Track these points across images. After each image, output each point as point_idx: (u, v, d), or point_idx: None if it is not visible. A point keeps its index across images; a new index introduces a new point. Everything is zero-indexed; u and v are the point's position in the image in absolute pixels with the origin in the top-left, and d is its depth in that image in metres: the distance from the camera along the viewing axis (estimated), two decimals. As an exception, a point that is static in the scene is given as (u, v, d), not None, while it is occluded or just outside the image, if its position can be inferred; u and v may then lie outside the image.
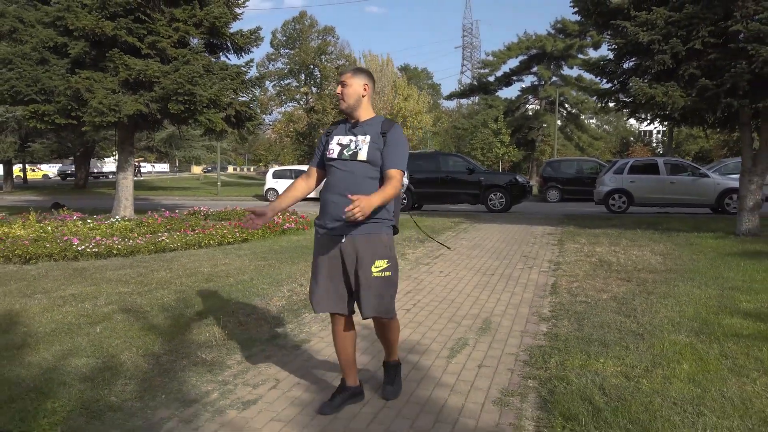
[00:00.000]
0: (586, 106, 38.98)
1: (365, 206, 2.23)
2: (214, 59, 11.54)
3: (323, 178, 2.75)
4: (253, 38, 11.79)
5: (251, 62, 12.08)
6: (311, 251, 2.78)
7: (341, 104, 2.63)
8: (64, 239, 7.38)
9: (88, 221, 9.34)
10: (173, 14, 10.65)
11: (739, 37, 8.10)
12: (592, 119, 45.07)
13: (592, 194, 15.65)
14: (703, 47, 8.27)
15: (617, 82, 9.97)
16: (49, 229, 8.36)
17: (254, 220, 2.66)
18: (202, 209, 12.18)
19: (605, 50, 16.94)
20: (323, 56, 43.35)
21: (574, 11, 10.29)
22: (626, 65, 9.83)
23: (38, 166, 51.07)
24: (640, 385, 2.89)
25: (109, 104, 9.61)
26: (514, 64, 41.29)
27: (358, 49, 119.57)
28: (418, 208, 15.98)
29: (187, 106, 10.05)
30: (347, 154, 2.58)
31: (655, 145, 51.99)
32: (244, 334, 3.87)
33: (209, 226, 9.33)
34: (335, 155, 2.60)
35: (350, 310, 2.67)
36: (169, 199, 22.49)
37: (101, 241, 7.45)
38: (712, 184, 13.74)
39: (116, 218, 10.27)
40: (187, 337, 3.79)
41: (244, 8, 11.77)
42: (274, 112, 44.53)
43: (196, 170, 61.94)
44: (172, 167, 64.68)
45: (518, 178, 15.65)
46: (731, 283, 5.30)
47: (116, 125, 10.59)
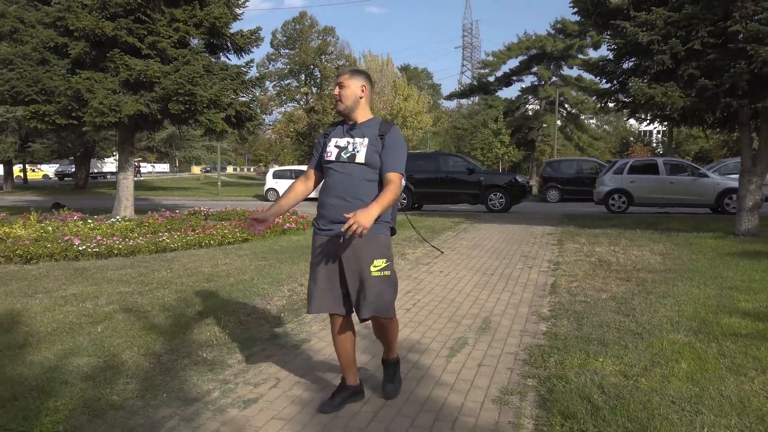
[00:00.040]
0: (586, 106, 38.96)
1: (363, 221, 2.23)
2: (214, 59, 11.56)
3: (321, 180, 2.75)
4: (253, 38, 11.81)
5: (251, 62, 12.11)
6: (311, 251, 2.80)
7: (339, 106, 2.63)
8: (65, 239, 7.39)
9: (88, 221, 9.36)
10: (173, 14, 10.67)
11: (738, 37, 8.12)
12: (592, 119, 45.05)
13: (591, 194, 15.67)
14: (702, 47, 8.29)
15: (617, 82, 9.99)
16: (49, 229, 8.38)
17: (256, 225, 2.70)
18: (202, 209, 12.22)
19: (605, 50, 16.94)
20: (323, 56, 43.39)
21: (573, 11, 10.32)
22: (626, 65, 9.86)
23: (38, 166, 50.52)
24: (638, 383, 2.90)
25: (109, 104, 9.62)
26: (514, 64, 41.42)
27: (358, 49, 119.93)
28: (418, 208, 16.00)
29: (187, 106, 10.07)
30: (345, 156, 2.57)
31: (654, 145, 51.98)
32: (244, 333, 3.89)
33: (209, 226, 9.35)
34: (333, 158, 2.60)
35: (348, 310, 2.68)
36: (169, 199, 22.50)
37: (102, 241, 7.47)
38: (711, 184, 13.75)
39: (117, 218, 10.30)
40: (188, 336, 3.80)
41: (244, 8, 11.79)
42: (274, 112, 44.65)
43: (196, 170, 61.90)
44: (172, 167, 64.54)
45: (518, 178, 15.66)
46: (730, 282, 5.32)
47: (117, 125, 10.61)
